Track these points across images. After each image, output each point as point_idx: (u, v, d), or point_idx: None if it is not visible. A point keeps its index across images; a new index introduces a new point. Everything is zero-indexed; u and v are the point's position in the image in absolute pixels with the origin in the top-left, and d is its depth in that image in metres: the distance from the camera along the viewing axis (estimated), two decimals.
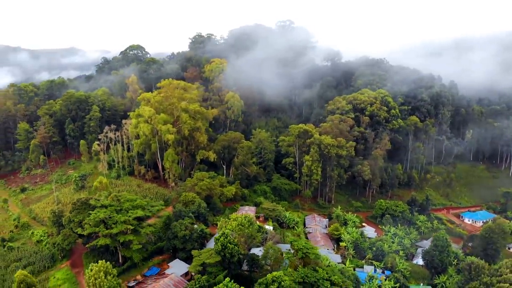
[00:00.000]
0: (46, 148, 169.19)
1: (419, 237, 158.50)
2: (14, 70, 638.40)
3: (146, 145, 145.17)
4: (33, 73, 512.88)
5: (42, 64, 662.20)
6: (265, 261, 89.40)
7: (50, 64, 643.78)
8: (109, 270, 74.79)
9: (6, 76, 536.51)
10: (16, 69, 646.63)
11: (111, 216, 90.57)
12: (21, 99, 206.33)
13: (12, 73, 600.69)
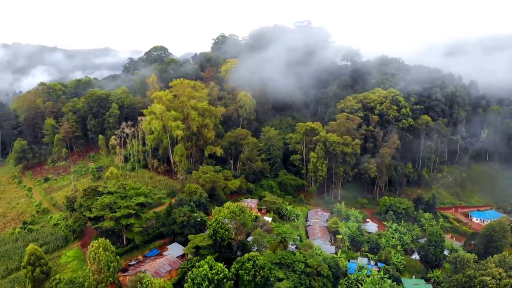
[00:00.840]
0: (69, 142, 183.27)
1: (421, 234, 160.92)
2: (50, 69, 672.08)
3: (159, 140, 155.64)
4: (68, 73, 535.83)
5: (76, 64, 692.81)
6: (254, 246, 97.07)
7: (84, 64, 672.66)
8: (108, 246, 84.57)
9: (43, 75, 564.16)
10: (52, 68, 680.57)
11: (115, 201, 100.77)
12: (50, 97, 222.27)
13: (48, 72, 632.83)
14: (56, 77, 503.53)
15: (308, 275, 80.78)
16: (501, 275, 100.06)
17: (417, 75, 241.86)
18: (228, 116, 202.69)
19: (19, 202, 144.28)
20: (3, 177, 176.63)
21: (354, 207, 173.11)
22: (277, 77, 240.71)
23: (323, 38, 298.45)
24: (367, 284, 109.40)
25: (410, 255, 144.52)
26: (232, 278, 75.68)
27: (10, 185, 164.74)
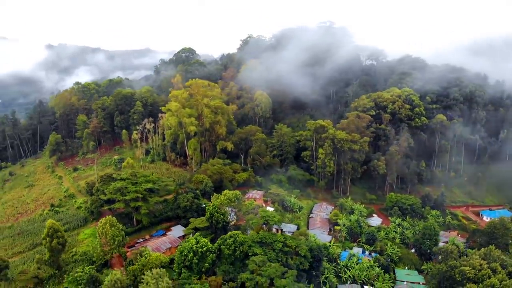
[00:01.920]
0: (98, 137, 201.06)
1: None
2: (93, 69, 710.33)
3: (175, 135, 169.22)
4: (109, 73, 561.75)
5: (116, 64, 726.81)
6: (247, 229, 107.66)
7: (124, 65, 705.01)
8: (114, 223, 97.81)
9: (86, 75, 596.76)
10: (94, 68, 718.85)
11: (126, 186, 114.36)
12: (84, 95, 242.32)
13: (90, 72, 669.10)
14: (98, 77, 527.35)
15: (285, 253, 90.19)
16: (482, 266, 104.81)
17: (436, 74, 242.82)
18: (245, 114, 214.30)
19: (50, 189, 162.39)
20: (39, 167, 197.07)
21: (361, 203, 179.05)
22: (297, 77, 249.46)
23: (345, 38, 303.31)
24: (354, 270, 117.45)
25: (410, 249, 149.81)
26: (214, 252, 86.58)
27: (45, 174, 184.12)
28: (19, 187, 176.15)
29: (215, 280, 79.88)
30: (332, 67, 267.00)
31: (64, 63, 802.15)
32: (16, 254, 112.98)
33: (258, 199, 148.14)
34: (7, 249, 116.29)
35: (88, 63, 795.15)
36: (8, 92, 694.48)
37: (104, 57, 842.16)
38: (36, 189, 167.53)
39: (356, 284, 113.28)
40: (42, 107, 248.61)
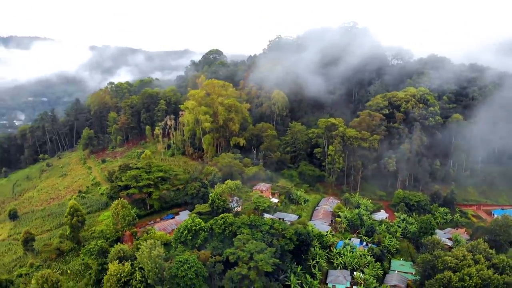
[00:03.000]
0: (126, 132, 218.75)
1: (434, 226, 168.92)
2: (133, 70, 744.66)
3: (193, 131, 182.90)
4: (148, 73, 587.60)
5: (155, 65, 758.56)
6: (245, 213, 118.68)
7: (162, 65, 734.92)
8: (125, 204, 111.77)
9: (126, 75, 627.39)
10: (135, 69, 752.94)
11: (140, 174, 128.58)
12: (117, 94, 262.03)
13: (131, 73, 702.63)
14: (138, 77, 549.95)
15: (272, 235, 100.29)
16: (465, 257, 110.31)
17: (457, 74, 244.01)
18: (263, 113, 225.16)
19: (80, 178, 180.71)
20: (73, 159, 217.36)
21: (370, 198, 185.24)
22: (317, 77, 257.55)
23: (368, 38, 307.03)
24: (346, 257, 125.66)
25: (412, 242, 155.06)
26: (207, 230, 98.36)
27: (77, 165, 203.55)
28: (54, 176, 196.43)
29: (204, 254, 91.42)
30: (354, 67, 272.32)
31: (107, 63, 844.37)
32: (44, 232, 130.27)
33: (265, 191, 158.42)
34: (37, 228, 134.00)
35: (129, 64, 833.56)
36: (54, 91, 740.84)
37: (144, 58, 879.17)
38: (68, 178, 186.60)
39: (346, 270, 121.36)
40: (79, 105, 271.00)
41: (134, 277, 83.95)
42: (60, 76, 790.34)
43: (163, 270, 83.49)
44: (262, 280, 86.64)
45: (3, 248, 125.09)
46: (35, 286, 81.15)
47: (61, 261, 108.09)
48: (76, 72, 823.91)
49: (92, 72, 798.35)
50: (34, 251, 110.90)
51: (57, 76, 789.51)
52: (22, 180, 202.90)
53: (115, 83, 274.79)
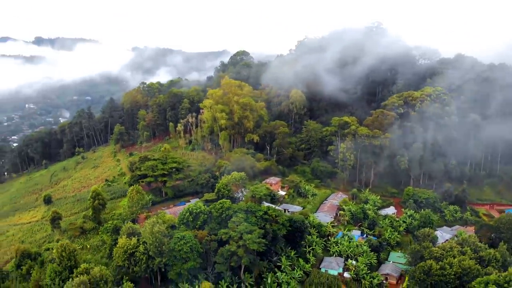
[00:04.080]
0: (153, 129, 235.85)
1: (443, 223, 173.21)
2: (172, 70, 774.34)
3: (211, 128, 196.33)
4: (185, 73, 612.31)
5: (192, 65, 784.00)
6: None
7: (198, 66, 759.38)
8: (139, 190, 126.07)
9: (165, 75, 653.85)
10: (173, 69, 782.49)
11: (156, 165, 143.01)
12: (148, 93, 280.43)
13: (169, 73, 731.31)
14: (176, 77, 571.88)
15: (265, 220, 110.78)
16: (452, 249, 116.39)
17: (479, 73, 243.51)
18: (282, 111, 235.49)
19: (109, 169, 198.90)
20: (105, 152, 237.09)
21: (382, 195, 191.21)
22: (339, 76, 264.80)
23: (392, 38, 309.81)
24: (342, 246, 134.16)
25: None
26: (206, 213, 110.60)
27: (108, 158, 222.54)
28: (87, 167, 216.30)
29: (201, 233, 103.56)
30: (378, 67, 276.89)
31: (147, 64, 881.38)
32: (72, 214, 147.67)
33: (274, 184, 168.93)
34: (67, 211, 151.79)
35: (168, 64, 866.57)
36: (98, 90, 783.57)
37: (182, 58, 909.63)
38: (99, 169, 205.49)
39: (340, 257, 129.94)
40: (113, 103, 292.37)
41: (138, 249, 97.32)
42: (103, 76, 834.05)
43: (163, 244, 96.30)
44: (249, 257, 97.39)
45: (37, 227, 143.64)
46: (55, 254, 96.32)
47: (83, 238, 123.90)
48: (119, 72, 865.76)
49: (133, 72, 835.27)
50: (61, 229, 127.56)
51: (101, 76, 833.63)
52: (59, 171, 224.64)
53: (147, 83, 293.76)
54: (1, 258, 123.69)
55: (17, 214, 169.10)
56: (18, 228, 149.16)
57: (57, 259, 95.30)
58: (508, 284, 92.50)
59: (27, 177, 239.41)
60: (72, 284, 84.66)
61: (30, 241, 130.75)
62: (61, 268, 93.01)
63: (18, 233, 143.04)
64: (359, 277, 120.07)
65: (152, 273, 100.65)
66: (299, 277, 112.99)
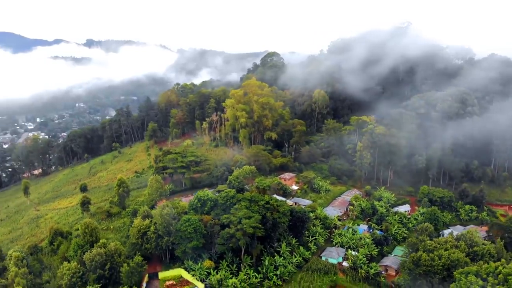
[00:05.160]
0: (182, 126, 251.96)
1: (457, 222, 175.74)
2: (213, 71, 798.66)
3: (233, 126, 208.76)
4: (226, 74, 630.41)
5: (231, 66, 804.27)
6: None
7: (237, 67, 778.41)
8: (158, 179, 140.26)
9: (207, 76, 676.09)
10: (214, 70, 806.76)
11: (176, 158, 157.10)
12: (182, 93, 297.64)
13: (211, 74, 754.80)
14: (217, 78, 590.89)
15: (267, 209, 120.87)
16: (446, 242, 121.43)
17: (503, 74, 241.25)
18: (305, 110, 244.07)
19: (141, 162, 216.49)
20: (140, 147, 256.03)
21: (399, 193, 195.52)
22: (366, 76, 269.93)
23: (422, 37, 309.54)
24: (344, 237, 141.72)
25: None
26: (213, 201, 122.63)
27: (141, 152, 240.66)
28: (122, 161, 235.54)
29: (206, 217, 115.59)
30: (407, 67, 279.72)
31: (191, 65, 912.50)
32: (103, 201, 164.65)
33: (288, 179, 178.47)
34: (98, 198, 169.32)
35: (209, 65, 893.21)
36: (143, 90, 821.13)
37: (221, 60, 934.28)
38: (132, 163, 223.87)
39: (342, 248, 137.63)
40: (149, 102, 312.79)
41: (150, 229, 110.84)
42: (149, 77, 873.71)
43: (171, 225, 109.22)
44: (245, 239, 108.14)
45: (71, 211, 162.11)
46: (80, 231, 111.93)
47: (108, 220, 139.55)
48: (164, 74, 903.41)
49: (177, 73, 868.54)
50: (90, 212, 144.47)
51: (147, 77, 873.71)
52: (97, 164, 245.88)
53: (181, 84, 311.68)
54: (39, 236, 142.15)
55: (56, 200, 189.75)
56: (56, 212, 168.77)
57: (81, 235, 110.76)
58: (488, 275, 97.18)
59: (70, 169, 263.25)
60: (90, 255, 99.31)
61: (64, 222, 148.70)
62: (83, 242, 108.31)
63: (55, 216, 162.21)
64: (356, 266, 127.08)
65: (162, 251, 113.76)
66: (297, 262, 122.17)
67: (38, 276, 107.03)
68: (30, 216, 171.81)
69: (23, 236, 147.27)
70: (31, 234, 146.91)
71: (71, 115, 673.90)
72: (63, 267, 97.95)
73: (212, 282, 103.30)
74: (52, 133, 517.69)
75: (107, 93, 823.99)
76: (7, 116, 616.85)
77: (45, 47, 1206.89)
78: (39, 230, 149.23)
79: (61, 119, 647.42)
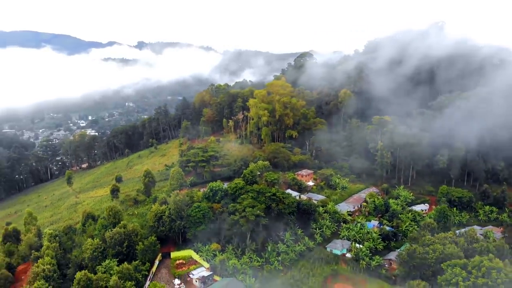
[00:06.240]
0: (212, 125, 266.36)
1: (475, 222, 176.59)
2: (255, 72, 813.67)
3: (257, 124, 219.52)
4: (267, 75, 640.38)
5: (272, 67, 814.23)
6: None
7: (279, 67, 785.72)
8: (179, 171, 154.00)
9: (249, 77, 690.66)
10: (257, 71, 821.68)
11: (198, 153, 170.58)
12: (216, 94, 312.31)
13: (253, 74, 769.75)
14: (259, 78, 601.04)
15: (273, 200, 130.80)
16: (446, 238, 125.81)
17: None
18: (330, 110, 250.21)
19: (172, 157, 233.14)
20: (174, 144, 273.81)
21: (419, 193, 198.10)
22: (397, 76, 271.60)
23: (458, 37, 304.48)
24: (352, 231, 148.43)
25: None
26: (223, 191, 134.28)
27: (175, 148, 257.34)
28: (157, 156, 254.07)
29: (216, 205, 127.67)
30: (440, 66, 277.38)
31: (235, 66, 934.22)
32: (133, 190, 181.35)
33: (305, 176, 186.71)
34: (130, 187, 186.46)
35: (252, 66, 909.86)
36: (189, 90, 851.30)
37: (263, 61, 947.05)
38: (165, 157, 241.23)
39: (348, 241, 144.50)
40: (185, 102, 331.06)
41: (165, 214, 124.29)
42: (195, 78, 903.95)
43: (182, 210, 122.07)
44: (249, 226, 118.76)
45: (105, 199, 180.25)
46: (105, 213, 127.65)
47: (135, 207, 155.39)
48: (209, 75, 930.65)
49: (221, 74, 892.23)
50: (119, 199, 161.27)
51: (193, 78, 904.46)
52: (135, 158, 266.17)
53: (215, 85, 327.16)
54: (75, 220, 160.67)
55: (95, 189, 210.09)
56: (92, 199, 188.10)
57: (106, 217, 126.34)
58: (473, 268, 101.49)
59: (111, 163, 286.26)
60: (110, 233, 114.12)
61: (97, 208, 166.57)
62: (107, 223, 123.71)
63: (91, 203, 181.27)
64: (358, 258, 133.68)
65: (175, 234, 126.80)
66: (300, 251, 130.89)
67: (69, 252, 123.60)
68: (70, 202, 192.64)
69: (62, 219, 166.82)
70: (68, 218, 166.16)
71: (120, 114, 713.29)
72: (87, 243, 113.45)
73: (216, 262, 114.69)
74: (102, 130, 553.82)
75: (155, 93, 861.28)
76: (62, 114, 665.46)
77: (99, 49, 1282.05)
78: (76, 214, 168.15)
79: (111, 117, 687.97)
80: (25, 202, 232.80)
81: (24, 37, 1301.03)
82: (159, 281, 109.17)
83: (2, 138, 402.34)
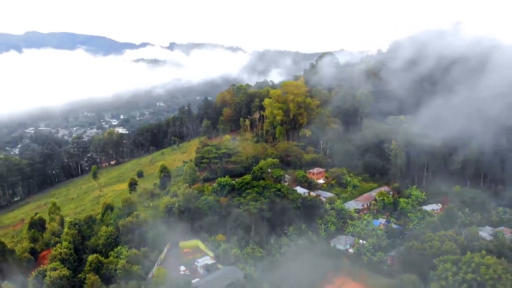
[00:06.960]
0: (231, 123, 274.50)
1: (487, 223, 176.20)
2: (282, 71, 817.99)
3: (272, 123, 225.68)
4: (293, 75, 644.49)
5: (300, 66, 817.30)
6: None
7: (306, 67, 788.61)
8: (192, 167, 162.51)
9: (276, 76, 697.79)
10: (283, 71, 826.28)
11: (211, 150, 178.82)
12: (236, 94, 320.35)
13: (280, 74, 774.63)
14: (285, 78, 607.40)
15: (277, 195, 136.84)
16: (446, 236, 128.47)
17: None
18: (347, 109, 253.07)
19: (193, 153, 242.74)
20: (195, 142, 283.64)
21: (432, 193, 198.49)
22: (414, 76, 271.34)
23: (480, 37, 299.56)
24: (357, 227, 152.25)
25: None
26: (230, 185, 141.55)
27: (195, 146, 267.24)
28: (178, 153, 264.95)
29: (223, 199, 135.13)
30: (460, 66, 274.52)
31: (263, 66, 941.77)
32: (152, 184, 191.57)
33: (316, 174, 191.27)
34: (150, 182, 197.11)
35: (280, 66, 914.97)
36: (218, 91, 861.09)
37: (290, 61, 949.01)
38: (185, 154, 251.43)
39: (352, 236, 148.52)
40: (207, 102, 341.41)
41: (175, 205, 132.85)
42: (224, 78, 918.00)
43: (190, 202, 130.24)
44: (251, 218, 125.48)
45: (126, 192, 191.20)
46: (121, 204, 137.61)
47: (151, 200, 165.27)
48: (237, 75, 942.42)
49: (249, 74, 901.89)
50: (137, 192, 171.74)
51: (221, 78, 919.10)
52: (158, 155, 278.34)
53: (237, 85, 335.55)
54: (97, 211, 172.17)
55: (118, 184, 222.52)
56: (114, 192, 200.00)
57: (122, 208, 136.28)
58: (464, 264, 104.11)
59: (137, 159, 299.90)
60: (123, 222, 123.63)
61: (117, 200, 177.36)
62: (122, 213, 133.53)
63: (112, 196, 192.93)
64: (360, 253, 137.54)
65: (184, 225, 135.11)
66: (303, 244, 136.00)
67: (87, 239, 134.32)
68: (94, 195, 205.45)
69: (85, 210, 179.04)
70: (91, 209, 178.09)
71: (151, 113, 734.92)
72: (102, 230, 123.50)
73: (220, 251, 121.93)
74: (132, 128, 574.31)
75: (185, 93, 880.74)
76: (95, 113, 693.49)
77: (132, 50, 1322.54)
78: (98, 206, 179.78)
79: (142, 116, 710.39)
80: (55, 195, 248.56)
81: (61, 38, 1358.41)
82: (166, 267, 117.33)
83: (38, 136, 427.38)
